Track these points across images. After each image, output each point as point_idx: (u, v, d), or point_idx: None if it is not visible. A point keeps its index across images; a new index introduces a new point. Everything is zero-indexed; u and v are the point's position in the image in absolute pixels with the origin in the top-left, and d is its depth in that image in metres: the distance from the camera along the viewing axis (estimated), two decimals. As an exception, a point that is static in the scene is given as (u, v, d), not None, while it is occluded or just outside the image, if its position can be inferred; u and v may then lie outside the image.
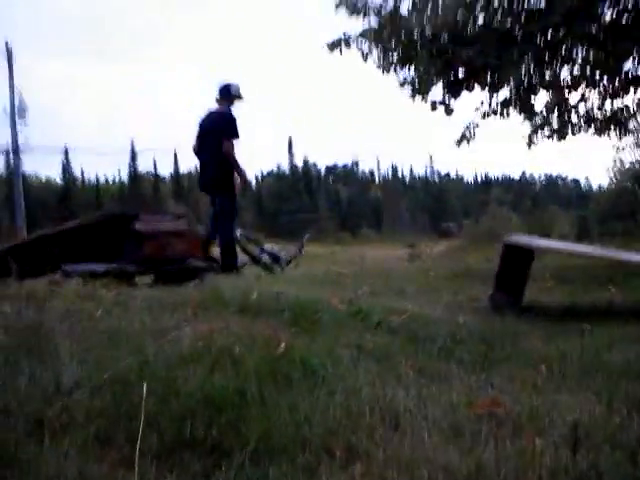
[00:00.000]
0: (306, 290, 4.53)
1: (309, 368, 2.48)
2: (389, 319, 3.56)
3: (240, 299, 3.67)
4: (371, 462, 1.74)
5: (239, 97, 6.87)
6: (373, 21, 6.56)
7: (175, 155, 60.99)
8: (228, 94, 6.81)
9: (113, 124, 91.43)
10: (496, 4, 6.54)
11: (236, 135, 6.59)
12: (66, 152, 55.93)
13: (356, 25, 6.61)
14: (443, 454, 1.82)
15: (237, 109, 6.80)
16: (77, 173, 64.62)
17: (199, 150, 6.92)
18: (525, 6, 6.56)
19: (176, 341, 2.68)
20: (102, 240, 5.46)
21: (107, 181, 71.26)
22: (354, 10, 6.40)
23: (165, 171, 74.02)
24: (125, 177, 67.85)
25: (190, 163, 71.21)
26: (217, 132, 6.61)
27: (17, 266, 4.18)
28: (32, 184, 54.81)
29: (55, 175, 64.74)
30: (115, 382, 2.10)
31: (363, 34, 6.60)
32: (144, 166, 68.03)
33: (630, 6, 6.48)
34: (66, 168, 60.93)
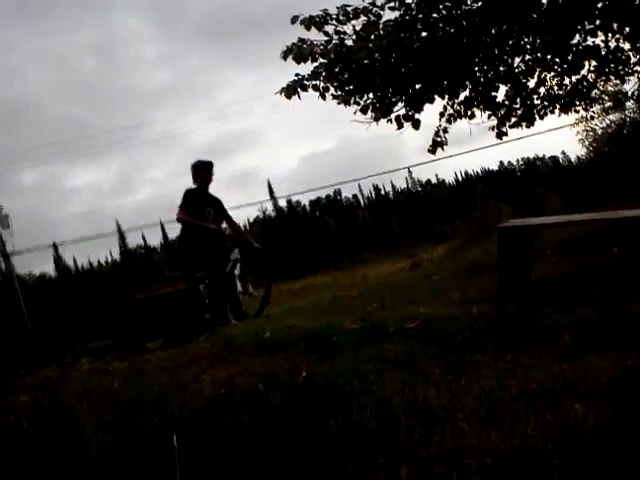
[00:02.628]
0: (317, 319, 4.50)
1: (335, 389, 2.45)
2: (404, 327, 3.53)
3: (254, 340, 3.65)
4: (416, 461, 1.71)
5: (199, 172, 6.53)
6: (322, 62, 6.61)
7: (162, 225, 61.69)
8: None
9: (97, 210, 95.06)
10: (435, 15, 6.65)
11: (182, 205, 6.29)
12: (55, 247, 57.92)
13: (306, 70, 6.63)
14: (487, 440, 1.78)
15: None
16: (70, 263, 67.08)
17: None
18: (463, 8, 6.67)
19: (198, 393, 2.64)
20: (105, 317, 5.46)
21: (100, 263, 72.52)
22: (301, 57, 6.44)
23: (155, 242, 74.57)
24: (117, 256, 69.14)
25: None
26: None
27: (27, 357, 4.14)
28: (27, 282, 56.83)
29: (49, 269, 67.17)
30: (145, 442, 2.06)
31: (316, 73, 6.63)
32: (133, 243, 69.64)
33: None
34: (58, 262, 64.49)
